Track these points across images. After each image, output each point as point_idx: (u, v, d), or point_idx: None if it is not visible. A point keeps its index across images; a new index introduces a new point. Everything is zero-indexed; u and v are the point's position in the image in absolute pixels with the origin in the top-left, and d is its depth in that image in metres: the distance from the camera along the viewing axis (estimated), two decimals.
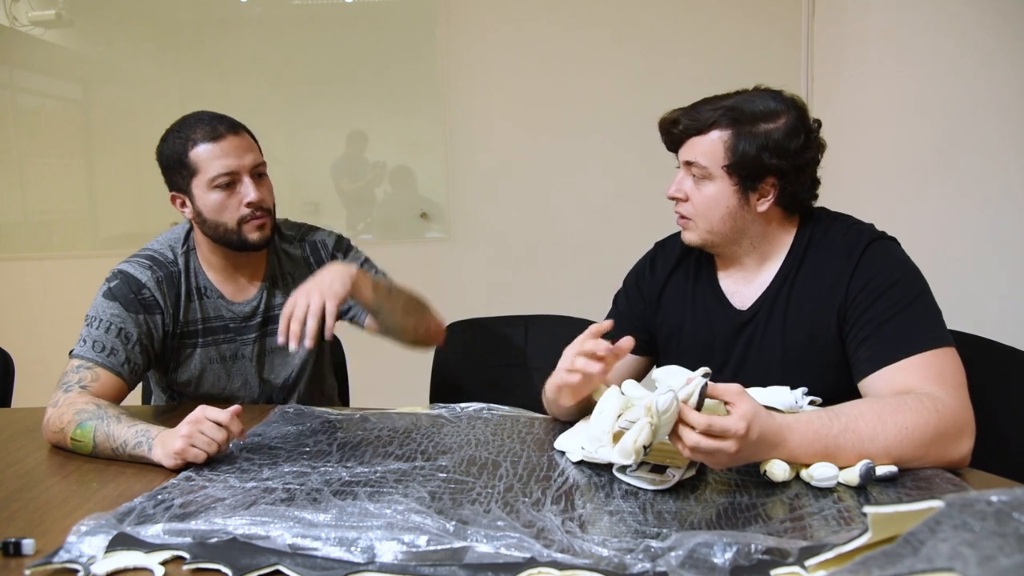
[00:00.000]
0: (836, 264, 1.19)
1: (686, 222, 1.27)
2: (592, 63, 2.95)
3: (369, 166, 3.10)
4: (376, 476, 1.05)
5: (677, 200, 1.27)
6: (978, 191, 1.91)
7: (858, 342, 1.15)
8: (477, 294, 3.06)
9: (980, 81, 1.91)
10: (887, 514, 0.65)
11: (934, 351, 1.08)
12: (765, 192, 1.21)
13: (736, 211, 1.22)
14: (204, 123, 1.38)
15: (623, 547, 0.80)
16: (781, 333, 1.23)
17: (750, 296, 1.27)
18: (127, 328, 1.37)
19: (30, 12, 3.01)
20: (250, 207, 1.38)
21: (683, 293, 1.35)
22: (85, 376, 1.31)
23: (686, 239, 1.29)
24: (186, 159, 1.37)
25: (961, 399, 1.05)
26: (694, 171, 1.22)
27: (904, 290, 1.13)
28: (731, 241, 1.25)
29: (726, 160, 1.19)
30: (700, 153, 1.21)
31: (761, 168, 1.18)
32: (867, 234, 1.21)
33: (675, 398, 0.91)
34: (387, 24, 3.00)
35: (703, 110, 1.21)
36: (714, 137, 1.19)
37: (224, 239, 1.41)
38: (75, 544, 0.83)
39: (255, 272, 1.51)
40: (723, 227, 1.23)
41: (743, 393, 0.95)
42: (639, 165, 2.93)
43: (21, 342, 2.09)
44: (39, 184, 3.13)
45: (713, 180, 1.21)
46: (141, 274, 1.41)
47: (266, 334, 1.52)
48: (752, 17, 2.87)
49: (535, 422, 1.31)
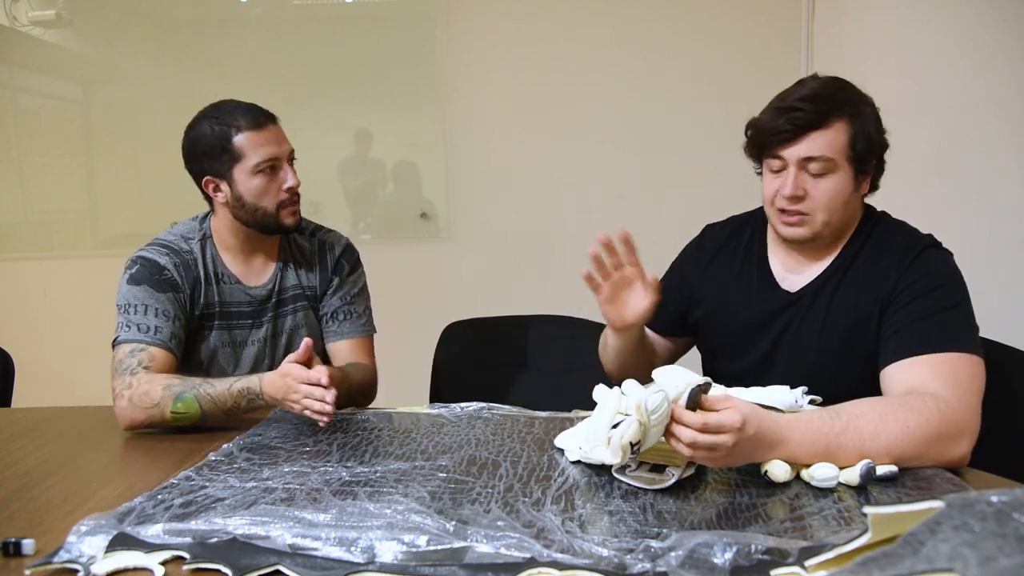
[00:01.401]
0: (889, 261, 1.22)
1: (802, 218, 1.23)
2: (592, 63, 2.95)
3: (370, 164, 3.11)
4: (376, 476, 1.05)
5: (796, 199, 1.21)
6: (978, 191, 1.91)
7: (890, 333, 1.17)
8: (477, 294, 3.06)
9: (980, 81, 1.91)
10: (887, 514, 0.65)
11: (957, 354, 1.09)
12: (868, 175, 1.23)
13: (851, 198, 1.23)
14: (243, 110, 1.43)
15: (623, 547, 0.80)
16: (823, 318, 1.25)
17: (800, 282, 1.29)
18: (162, 307, 1.41)
19: (30, 12, 3.01)
20: (288, 192, 1.45)
21: (729, 270, 1.37)
22: (143, 358, 1.36)
23: (797, 235, 1.24)
24: (229, 145, 1.41)
25: (966, 401, 1.05)
26: (812, 167, 1.20)
27: (947, 295, 1.16)
28: (835, 231, 1.25)
29: (851, 149, 1.19)
30: (824, 146, 1.19)
31: (875, 149, 1.21)
32: (926, 240, 1.24)
33: (665, 398, 0.91)
34: (387, 24, 3.00)
35: (808, 107, 1.18)
36: (838, 128, 1.19)
37: (261, 222, 1.46)
38: (75, 544, 0.83)
39: (270, 254, 1.55)
40: (839, 217, 1.23)
41: (731, 398, 0.96)
42: (639, 165, 2.93)
43: (21, 342, 2.08)
44: (39, 184, 3.13)
45: (836, 172, 1.20)
46: (160, 258, 1.45)
47: (279, 315, 1.55)
48: (752, 17, 2.87)
49: (535, 422, 1.31)
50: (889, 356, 1.14)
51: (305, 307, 1.57)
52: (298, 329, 1.56)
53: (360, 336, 1.59)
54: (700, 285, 1.41)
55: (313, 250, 1.59)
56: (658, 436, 0.94)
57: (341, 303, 1.58)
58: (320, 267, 1.58)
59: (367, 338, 1.61)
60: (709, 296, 1.39)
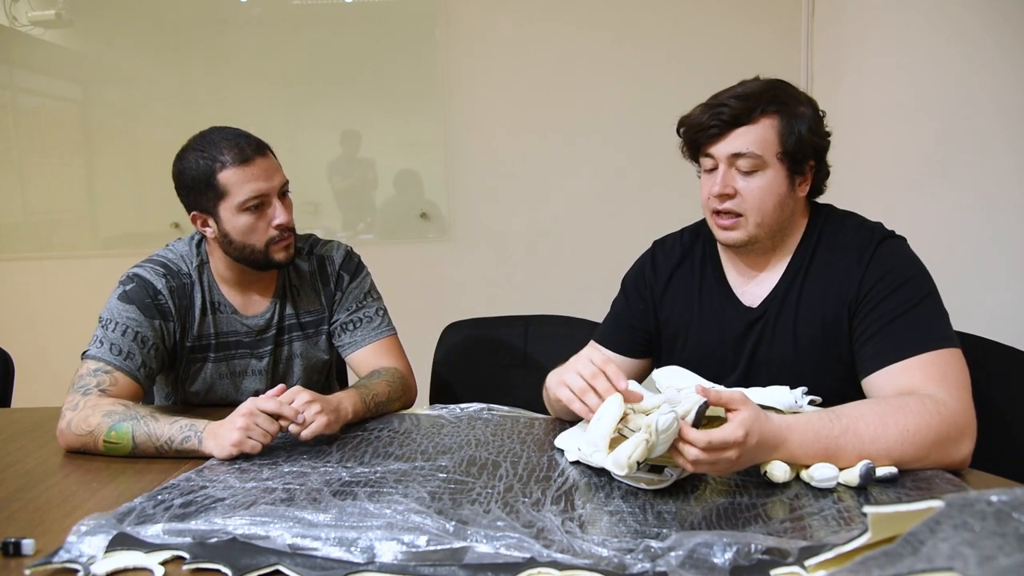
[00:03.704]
0: (847, 260, 1.19)
1: (734, 220, 1.21)
2: (592, 63, 2.95)
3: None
4: (376, 476, 1.05)
5: (724, 197, 1.20)
6: (977, 190, 1.91)
7: (864, 339, 1.15)
8: (477, 294, 3.06)
9: (979, 81, 1.91)
10: (887, 514, 0.65)
11: (939, 351, 1.08)
12: (806, 176, 1.21)
13: (785, 199, 1.20)
14: (230, 143, 1.34)
15: (623, 547, 0.80)
16: (792, 329, 1.22)
17: (760, 293, 1.26)
18: (143, 332, 1.36)
19: (30, 12, 3.01)
20: (278, 229, 1.38)
21: (688, 291, 1.33)
22: (104, 380, 1.30)
23: (731, 239, 1.22)
24: (213, 181, 1.33)
25: (963, 401, 1.05)
26: (741, 164, 1.18)
27: (913, 289, 1.14)
28: (772, 234, 1.22)
29: (780, 146, 1.17)
30: (752, 142, 1.17)
31: (807, 149, 1.18)
32: (878, 232, 1.21)
33: (676, 418, 0.90)
34: (387, 24, 3.00)
35: (734, 103, 1.16)
36: (766, 124, 1.17)
37: (250, 259, 1.40)
38: (75, 544, 0.83)
39: (267, 286, 1.50)
40: (773, 218, 1.20)
41: (745, 400, 0.95)
42: (639, 165, 2.93)
43: (21, 342, 2.09)
44: (39, 184, 3.13)
45: (766, 169, 1.18)
46: (156, 280, 1.39)
47: (280, 344, 1.51)
48: (752, 17, 2.87)
49: (535, 422, 1.31)
50: (872, 363, 1.12)
51: (306, 337, 1.53)
52: (299, 359, 1.52)
53: (378, 339, 1.52)
54: (662, 305, 1.36)
55: (313, 270, 1.53)
56: (662, 451, 0.93)
57: (349, 313, 1.53)
58: (323, 285, 1.53)
59: (387, 339, 1.53)
60: (674, 318, 1.34)
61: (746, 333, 1.26)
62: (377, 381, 1.40)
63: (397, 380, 1.44)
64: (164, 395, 1.57)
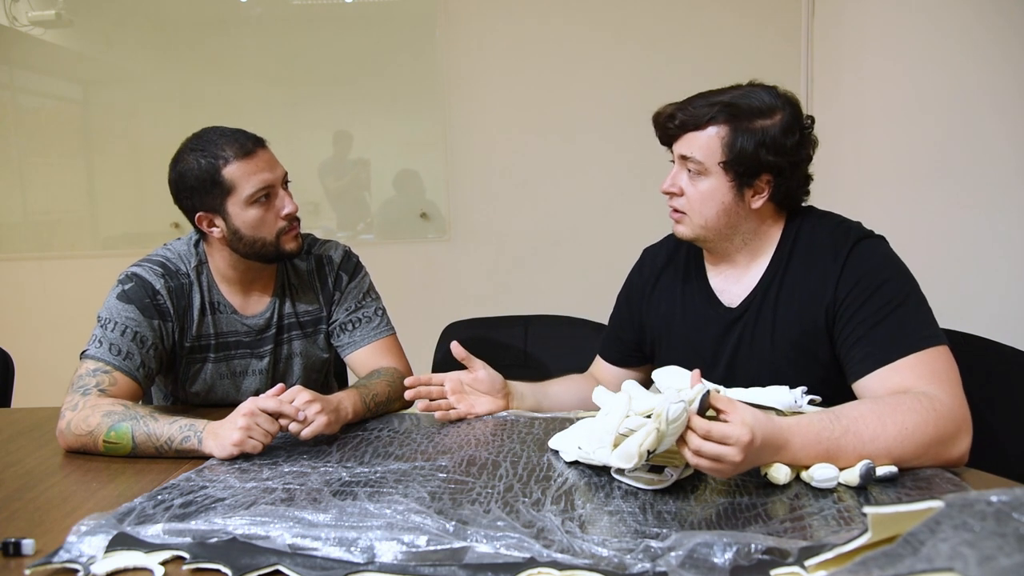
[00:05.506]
0: (824, 262, 1.19)
1: (680, 216, 1.26)
2: (592, 63, 2.95)
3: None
4: (376, 476, 1.05)
5: (671, 195, 1.26)
6: (977, 191, 1.91)
7: (851, 343, 1.14)
8: (477, 294, 3.06)
9: (979, 81, 1.91)
10: (887, 514, 0.65)
11: (927, 350, 1.08)
12: (760, 189, 1.21)
13: (731, 207, 1.22)
14: (229, 139, 1.34)
15: (623, 547, 0.80)
16: (771, 330, 1.23)
17: (739, 294, 1.27)
18: (143, 332, 1.35)
19: (30, 12, 3.01)
20: (287, 219, 1.39)
21: (672, 293, 1.36)
22: (103, 380, 1.29)
23: (678, 232, 1.28)
24: (219, 178, 1.33)
25: (957, 397, 1.05)
26: (689, 166, 1.22)
27: (894, 289, 1.13)
28: (723, 237, 1.25)
29: (723, 156, 1.18)
30: (696, 148, 1.20)
31: (757, 165, 1.18)
32: (854, 233, 1.20)
33: (685, 407, 0.90)
34: (387, 24, 3.00)
35: (699, 105, 1.20)
36: (711, 133, 1.19)
37: (261, 253, 1.40)
38: (75, 544, 0.83)
39: (267, 284, 1.49)
40: (717, 223, 1.23)
41: (734, 403, 0.95)
42: (639, 165, 2.93)
43: (21, 342, 2.09)
44: (39, 184, 3.13)
45: (709, 176, 1.20)
46: (155, 280, 1.39)
47: (280, 343, 1.51)
48: (752, 17, 2.87)
49: (535, 422, 1.31)
50: (861, 368, 1.12)
51: (305, 336, 1.53)
52: (298, 358, 1.53)
53: (378, 339, 1.52)
54: (648, 311, 1.39)
55: (311, 269, 1.53)
56: (671, 443, 0.93)
57: (348, 313, 1.53)
58: (321, 285, 1.53)
59: (387, 339, 1.53)
60: (658, 323, 1.36)
61: (726, 333, 1.27)
62: (377, 381, 1.40)
63: (397, 380, 1.43)
64: (164, 396, 1.57)
